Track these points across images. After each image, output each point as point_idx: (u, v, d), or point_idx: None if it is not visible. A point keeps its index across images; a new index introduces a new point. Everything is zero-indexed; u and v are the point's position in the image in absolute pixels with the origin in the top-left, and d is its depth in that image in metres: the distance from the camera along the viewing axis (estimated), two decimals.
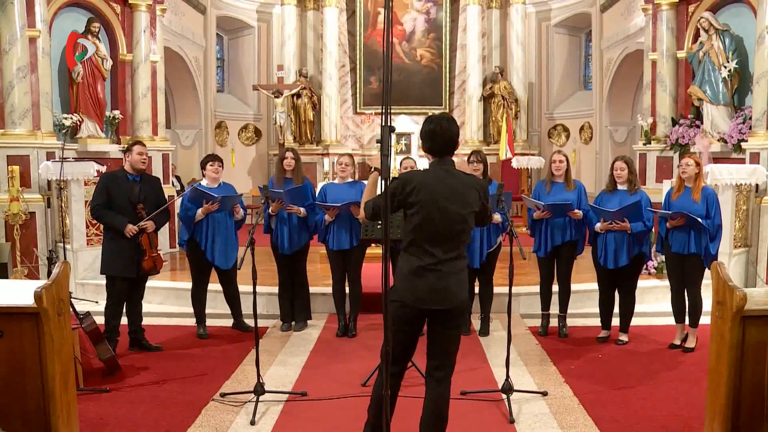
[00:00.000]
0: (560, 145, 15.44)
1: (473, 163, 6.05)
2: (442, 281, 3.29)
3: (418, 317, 3.37)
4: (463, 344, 5.96)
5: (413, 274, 3.31)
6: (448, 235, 3.30)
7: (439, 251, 3.29)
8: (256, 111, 15.50)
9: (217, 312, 6.75)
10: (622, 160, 5.87)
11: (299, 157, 6.34)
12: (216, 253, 6.08)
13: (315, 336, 6.23)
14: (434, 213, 3.27)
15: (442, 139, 3.37)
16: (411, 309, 3.32)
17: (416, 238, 3.31)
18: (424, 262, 3.29)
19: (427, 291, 3.29)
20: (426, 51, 15.67)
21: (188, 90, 13.49)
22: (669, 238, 5.72)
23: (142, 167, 5.64)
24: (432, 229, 3.28)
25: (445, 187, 3.30)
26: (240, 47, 15.56)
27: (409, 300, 3.31)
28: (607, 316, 6.09)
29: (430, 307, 3.31)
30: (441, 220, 3.28)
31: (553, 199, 5.94)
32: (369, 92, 15.66)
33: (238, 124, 15.24)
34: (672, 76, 9.88)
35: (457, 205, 3.32)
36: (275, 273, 6.54)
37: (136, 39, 9.85)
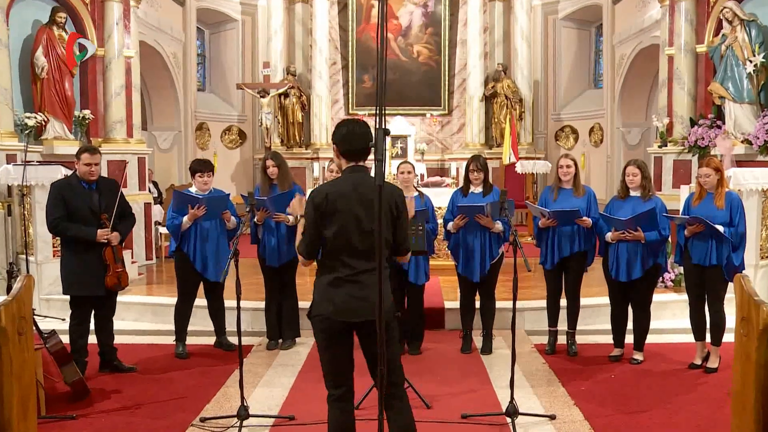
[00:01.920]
0: (568, 148, 15.46)
1: (473, 171, 6.03)
2: (361, 292, 3.33)
3: (343, 331, 3.41)
4: (464, 364, 6.00)
5: (330, 285, 3.37)
6: (364, 247, 3.33)
7: (358, 262, 3.34)
8: (240, 112, 15.49)
9: (197, 329, 6.70)
10: (635, 164, 5.85)
11: (283, 161, 6.30)
12: (207, 264, 6.06)
13: (304, 354, 6.19)
14: (350, 223, 3.32)
15: (364, 141, 3.39)
16: (332, 322, 3.37)
17: (332, 249, 3.36)
18: (342, 273, 3.35)
19: (344, 302, 3.34)
20: (423, 47, 15.69)
21: (166, 88, 13.45)
22: (689, 248, 5.70)
23: (91, 179, 5.44)
24: (348, 240, 3.32)
25: (361, 196, 3.34)
26: (222, 42, 15.55)
27: (328, 312, 3.37)
28: (620, 333, 6.06)
29: (350, 319, 3.36)
30: (357, 230, 3.31)
31: (561, 207, 5.91)
32: (362, 92, 15.66)
33: (220, 126, 15.22)
34: (691, 72, 9.86)
35: (371, 214, 3.32)
36: (261, 286, 6.51)
37: (108, 32, 9.72)
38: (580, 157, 14.74)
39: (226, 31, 15.51)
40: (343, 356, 3.47)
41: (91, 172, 5.42)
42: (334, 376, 3.46)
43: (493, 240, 6.01)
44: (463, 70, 15.64)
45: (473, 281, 6.06)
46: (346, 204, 3.33)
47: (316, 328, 3.45)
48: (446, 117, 15.90)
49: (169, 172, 13.58)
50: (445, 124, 15.94)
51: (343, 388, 3.50)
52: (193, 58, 14.27)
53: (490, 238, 5.98)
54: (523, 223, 13.71)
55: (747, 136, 8.79)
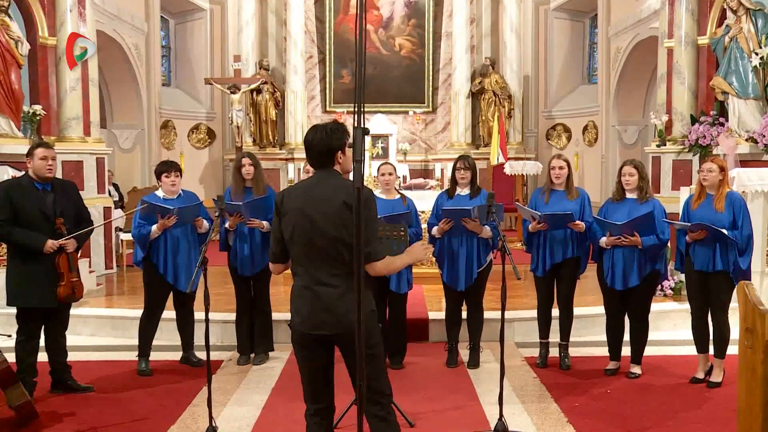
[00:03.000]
0: (560, 147, 15.54)
1: (460, 170, 6.03)
2: (324, 302, 3.34)
3: (315, 344, 3.42)
4: (450, 379, 5.99)
5: (297, 294, 3.43)
6: (324, 250, 3.34)
7: (318, 269, 3.35)
8: (208, 109, 15.41)
9: (162, 344, 6.63)
10: (631, 164, 5.88)
11: (259, 162, 6.29)
12: (179, 274, 6.01)
13: (278, 370, 6.16)
14: (305, 226, 3.35)
15: (316, 150, 3.43)
16: (302, 336, 3.41)
17: (295, 255, 3.42)
18: (304, 281, 3.40)
19: (308, 314, 3.36)
20: (406, 40, 15.71)
21: (127, 83, 13.29)
22: (690, 254, 5.72)
23: (48, 175, 5.35)
24: (305, 244, 3.35)
25: (316, 196, 3.35)
26: (189, 34, 15.47)
27: (296, 323, 3.41)
28: (617, 344, 6.08)
29: (317, 332, 3.37)
30: (313, 233, 3.33)
31: (552, 210, 5.92)
32: (340, 88, 15.65)
33: (187, 124, 15.14)
34: (691, 66, 9.92)
35: (329, 217, 3.32)
36: (232, 297, 6.48)
37: (60, 20, 9.47)
38: (573, 157, 14.83)
39: (193, 21, 15.43)
40: (318, 370, 3.47)
41: (48, 167, 5.33)
42: (311, 390, 3.49)
43: (480, 246, 6.00)
44: (448, 65, 15.67)
45: (459, 290, 6.05)
46: (298, 205, 3.37)
47: (293, 341, 3.50)
48: (430, 115, 15.92)
49: (131, 173, 13.46)
50: (429, 122, 15.96)
51: (322, 404, 3.51)
52: (156, 51, 14.15)
53: (477, 243, 5.97)
54: (513, 227, 13.75)
55: (752, 134, 8.80)
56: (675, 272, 7.33)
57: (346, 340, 3.35)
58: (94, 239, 9.31)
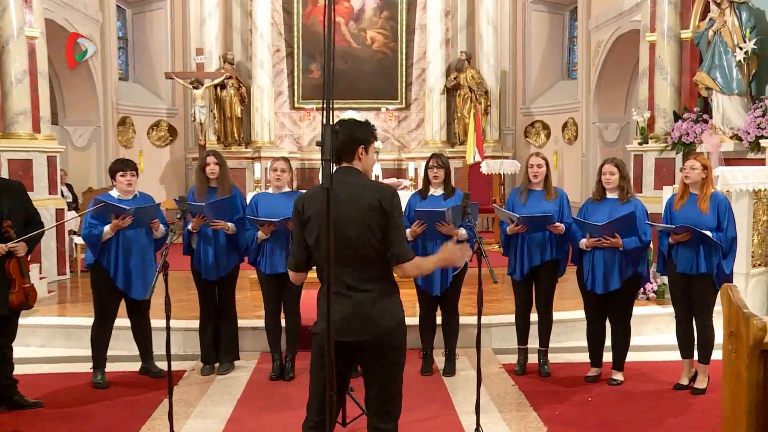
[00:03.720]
0: (539, 146, 15.63)
1: (432, 168, 6.03)
2: (358, 308, 3.37)
3: (340, 352, 3.38)
4: (424, 387, 5.99)
5: (323, 301, 3.35)
6: (353, 254, 3.36)
7: (348, 274, 3.37)
8: (169, 105, 15.29)
9: (119, 354, 6.57)
10: (612, 162, 5.92)
11: (224, 161, 6.25)
12: (131, 280, 5.93)
13: (244, 380, 6.13)
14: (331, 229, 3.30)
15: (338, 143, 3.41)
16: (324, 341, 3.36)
17: (317, 259, 3.43)
18: (335, 287, 3.30)
19: (340, 320, 3.32)
20: (378, 33, 15.71)
21: (81, 76, 13.05)
22: (673, 256, 5.77)
23: None
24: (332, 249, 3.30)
25: (341, 198, 3.34)
26: (148, 25, 15.32)
27: (322, 331, 3.38)
28: (598, 350, 6.12)
29: (346, 338, 3.36)
30: (340, 237, 3.31)
31: (530, 211, 5.95)
32: (309, 83, 15.61)
33: (147, 121, 15.00)
34: (674, 61, 10.03)
35: (356, 219, 3.35)
36: (195, 303, 6.43)
37: (3, 5, 9.20)
38: (552, 155, 14.93)
39: (152, 12, 15.28)
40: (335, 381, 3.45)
41: None
42: (320, 400, 3.44)
43: None
44: (422, 59, 15.69)
45: (433, 295, 6.05)
46: (320, 208, 3.32)
47: (314, 347, 3.48)
48: (403, 111, 15.94)
49: (86, 173, 13.30)
50: (402, 119, 15.97)
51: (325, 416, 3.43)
52: (113, 42, 13.98)
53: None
54: (489, 229, 13.80)
55: (736, 132, 8.89)
56: (657, 275, 7.39)
57: (377, 347, 3.40)
58: (46, 243, 9.16)
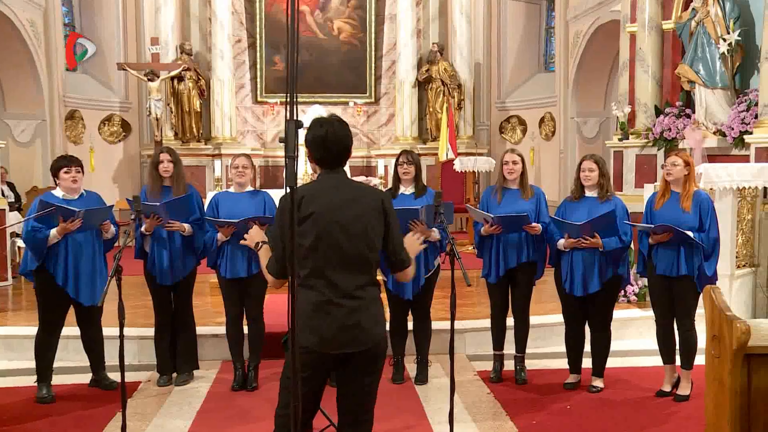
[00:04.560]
0: (515, 142, 15.72)
1: (402, 164, 6.03)
2: (351, 317, 3.35)
3: (325, 364, 3.43)
4: (395, 396, 5.97)
5: (316, 310, 3.36)
6: (353, 259, 3.37)
7: (344, 280, 3.36)
8: (122, 98, 15.12)
9: (68, 365, 6.49)
10: (591, 159, 5.95)
11: (179, 158, 6.19)
12: (80, 286, 5.85)
13: (203, 391, 6.08)
14: (332, 231, 3.35)
15: (337, 147, 3.47)
16: (316, 355, 3.36)
17: (314, 265, 3.37)
18: (327, 295, 3.36)
19: (334, 331, 3.34)
20: (345, 23, 15.69)
21: (22, 66, 12.86)
22: (653, 257, 5.82)
23: None
24: (331, 252, 3.35)
25: (342, 198, 3.39)
26: (97, 11, 15.08)
27: (313, 344, 3.35)
28: (577, 356, 6.15)
29: (340, 350, 3.36)
30: (342, 239, 3.34)
31: (506, 210, 5.97)
32: (273, 75, 15.55)
33: (98, 115, 14.82)
34: (656, 53, 10.12)
35: (359, 221, 3.39)
36: (150, 310, 6.37)
37: None
38: (529, 152, 15.02)
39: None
40: (312, 393, 3.48)
41: None
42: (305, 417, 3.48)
43: (428, 250, 6.00)
44: (392, 51, 15.70)
45: (405, 299, 6.05)
46: (325, 206, 3.35)
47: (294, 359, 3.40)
48: (372, 106, 15.94)
49: (30, 170, 13.09)
50: (372, 114, 15.97)
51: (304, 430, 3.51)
52: (58, 29, 13.72)
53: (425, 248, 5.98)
54: (463, 229, 13.84)
55: (720, 127, 8.98)
56: (638, 276, 7.45)
57: (370, 357, 3.41)
58: None
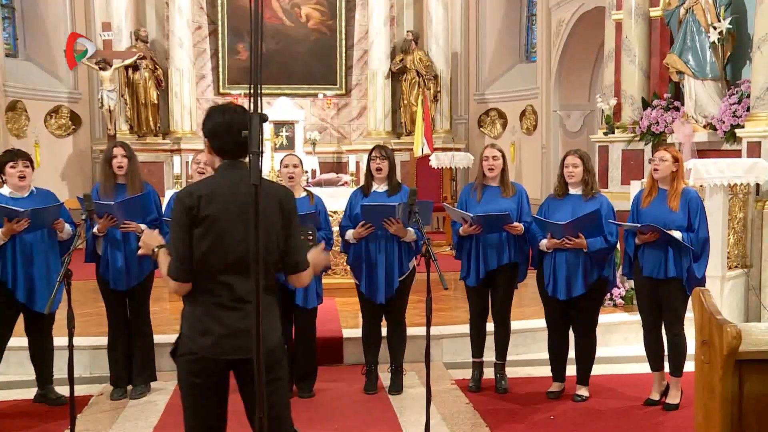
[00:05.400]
0: (494, 136, 15.76)
1: (375, 159, 6.03)
2: (244, 321, 3.34)
3: (220, 373, 3.42)
4: (368, 407, 5.97)
5: (207, 314, 3.37)
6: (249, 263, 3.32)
7: (240, 283, 3.35)
8: (71, 87, 14.97)
9: (10, 379, 6.43)
10: (575, 154, 5.98)
11: (134, 153, 6.15)
12: (34, 291, 5.79)
13: (161, 404, 6.04)
14: (230, 233, 3.35)
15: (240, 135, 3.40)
16: (208, 362, 3.37)
17: (207, 266, 3.36)
18: (219, 298, 3.37)
19: (225, 336, 3.34)
20: (314, 9, 15.67)
21: None
22: (639, 258, 5.85)
23: None
24: (228, 255, 3.35)
25: (242, 197, 3.33)
26: None
27: (203, 350, 3.35)
28: (560, 363, 6.18)
29: (233, 356, 3.36)
30: (240, 241, 3.34)
31: (485, 209, 5.98)
32: (236, 65, 15.50)
33: (43, 106, 14.63)
34: (643, 42, 10.18)
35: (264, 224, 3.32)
36: (103, 318, 6.31)
37: None
38: (509, 147, 15.07)
39: None
40: (214, 407, 3.46)
41: None
42: (201, 429, 3.46)
43: (402, 251, 6.02)
44: (363, 40, 15.70)
45: (377, 303, 6.05)
46: (223, 208, 3.34)
47: (183, 371, 3.42)
48: (343, 98, 15.94)
49: None
50: (342, 107, 15.97)
51: None
52: None
53: (399, 248, 5.98)
54: (440, 229, 13.87)
55: (710, 120, 9.04)
56: (625, 279, 7.48)
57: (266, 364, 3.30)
58: None
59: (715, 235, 7.05)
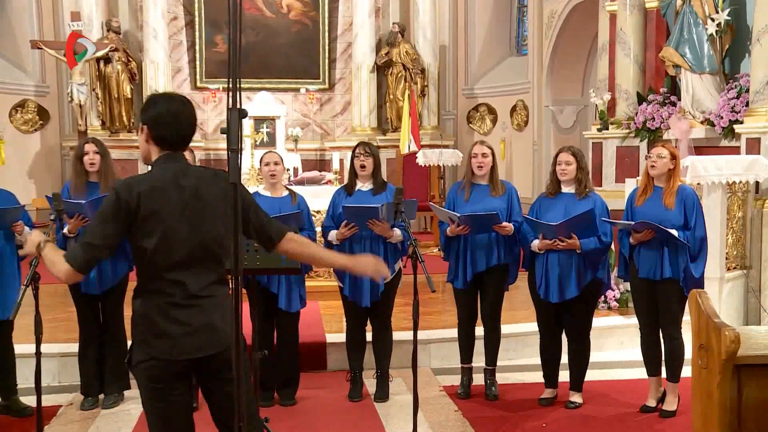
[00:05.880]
0: (484, 133, 15.78)
1: (359, 156, 6.02)
2: (201, 317, 3.36)
3: (181, 375, 3.40)
4: (353, 415, 5.97)
5: (160, 316, 3.35)
6: (201, 256, 3.38)
7: (192, 279, 3.36)
8: (38, 81, 14.82)
9: None
10: (568, 151, 5.99)
11: (107, 150, 6.12)
12: None
13: (136, 413, 5.98)
14: (178, 228, 3.34)
15: (188, 125, 3.48)
16: (168, 365, 3.35)
17: (158, 266, 3.35)
18: (173, 297, 3.36)
19: (184, 335, 3.34)
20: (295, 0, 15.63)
21: None
22: (635, 259, 5.87)
23: None
24: (177, 251, 3.34)
25: (187, 190, 3.37)
26: None
27: (162, 353, 3.33)
28: (553, 368, 6.19)
29: (194, 355, 3.36)
30: (189, 235, 3.35)
31: (474, 209, 5.99)
32: (214, 58, 15.44)
33: (8, 100, 14.47)
34: (638, 34, 10.22)
35: (206, 213, 3.39)
36: (73, 323, 6.27)
37: None
38: (500, 144, 15.08)
39: None
40: (182, 413, 3.44)
41: None
42: None
43: (388, 252, 6.01)
44: (347, 32, 15.68)
45: (362, 306, 6.05)
46: (165, 204, 3.33)
47: (143, 378, 3.40)
48: (326, 93, 15.92)
49: None
50: (325, 102, 15.94)
51: None
52: None
53: (385, 249, 5.98)
54: (427, 229, 13.87)
55: (708, 116, 9.09)
56: (620, 281, 7.50)
57: (227, 361, 3.32)
58: None
59: (714, 235, 7.08)
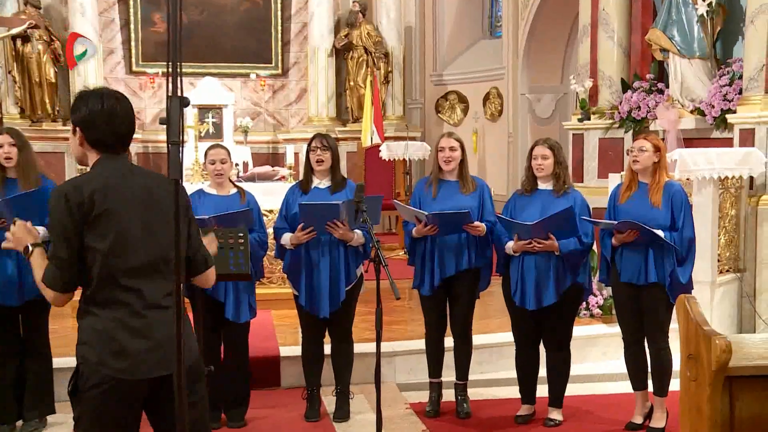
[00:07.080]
0: (454, 123, 15.84)
1: (315, 150, 6.01)
2: (162, 330, 3.30)
3: (137, 400, 3.39)
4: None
5: (118, 330, 3.31)
6: (158, 262, 3.38)
7: (149, 286, 3.36)
8: None
9: None
10: (545, 144, 6.02)
11: (26, 142, 6.05)
12: None
13: None
14: (133, 230, 3.34)
15: (126, 125, 3.46)
16: (128, 386, 3.32)
17: (109, 271, 3.31)
18: (129, 307, 3.33)
19: (147, 350, 3.32)
20: None
21: None
22: (617, 262, 5.92)
23: None
24: (133, 256, 3.33)
25: (139, 189, 3.37)
26: None
27: (122, 372, 3.29)
28: (530, 382, 6.22)
29: (159, 373, 3.32)
30: (145, 239, 3.35)
31: (442, 207, 6.00)
32: (153, 38, 15.33)
33: None
34: (623, 15, 10.28)
35: (160, 216, 3.37)
36: None
37: None
38: (471, 135, 15.15)
39: None
40: None
41: None
42: None
43: (349, 256, 6.02)
44: (303, 11, 15.66)
45: (320, 317, 6.04)
46: (121, 203, 3.31)
47: (91, 406, 3.33)
48: (279, 79, 15.89)
49: None
50: (278, 89, 15.91)
51: None
52: None
53: (345, 253, 5.99)
54: (392, 230, 13.89)
55: (698, 104, 9.16)
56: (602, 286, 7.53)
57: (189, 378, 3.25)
58: None
59: (705, 235, 7.13)
